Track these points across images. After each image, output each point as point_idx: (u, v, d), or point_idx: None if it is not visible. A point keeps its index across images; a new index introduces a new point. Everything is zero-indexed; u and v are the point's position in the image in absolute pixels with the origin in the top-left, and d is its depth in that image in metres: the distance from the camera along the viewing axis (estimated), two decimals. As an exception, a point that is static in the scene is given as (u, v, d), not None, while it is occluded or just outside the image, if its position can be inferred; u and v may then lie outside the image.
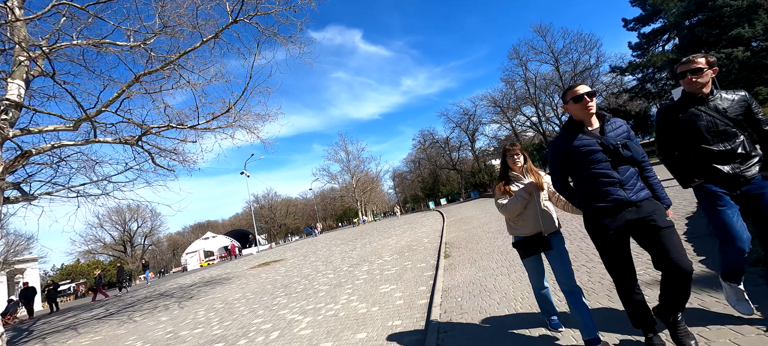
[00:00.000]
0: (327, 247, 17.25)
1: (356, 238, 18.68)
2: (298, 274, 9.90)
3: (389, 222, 28.50)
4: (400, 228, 17.80)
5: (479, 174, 33.80)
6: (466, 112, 47.92)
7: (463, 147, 51.84)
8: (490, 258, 5.76)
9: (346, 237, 21.45)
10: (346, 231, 32.69)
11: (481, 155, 51.36)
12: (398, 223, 23.21)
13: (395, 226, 20.63)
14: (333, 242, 19.62)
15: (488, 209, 16.18)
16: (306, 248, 19.98)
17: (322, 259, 12.41)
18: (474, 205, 23.63)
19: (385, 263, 7.93)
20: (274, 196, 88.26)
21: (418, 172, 70.75)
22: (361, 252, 11.46)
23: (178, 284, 15.72)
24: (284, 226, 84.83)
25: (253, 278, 11.39)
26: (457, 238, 9.06)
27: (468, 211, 18.52)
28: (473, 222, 11.96)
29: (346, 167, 48.08)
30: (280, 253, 21.41)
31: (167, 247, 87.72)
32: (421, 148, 57.44)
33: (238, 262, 22.24)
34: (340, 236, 24.29)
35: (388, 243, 12.10)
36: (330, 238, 26.46)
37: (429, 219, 19.69)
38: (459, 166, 53.00)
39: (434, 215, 22.64)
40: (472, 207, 21.25)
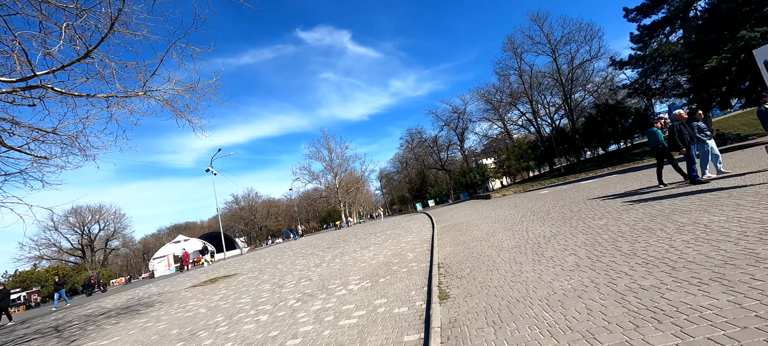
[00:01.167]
0: (294, 257, 14.35)
1: (331, 245, 15.85)
2: (230, 306, 7.02)
3: (372, 226, 25.73)
4: (383, 234, 15.08)
5: (470, 174, 31.64)
6: (455, 110, 45.77)
7: (452, 146, 49.72)
8: (527, 312, 3.09)
9: (322, 244, 18.58)
10: (326, 235, 29.71)
11: (470, 155, 49.29)
12: (381, 228, 20.47)
13: (377, 231, 17.90)
14: (305, 250, 16.73)
15: (485, 212, 13.63)
16: (272, 257, 17.00)
17: (277, 277, 9.56)
18: (466, 207, 21.14)
19: (348, 298, 5.19)
20: (255, 196, 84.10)
21: (405, 172, 68.30)
22: (326, 270, 8.66)
23: (88, 311, 12.49)
24: (265, 228, 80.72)
25: (178, 306, 8.43)
26: (455, 257, 6.37)
27: (461, 214, 15.96)
28: (472, 230, 9.31)
29: (328, 166, 45.04)
30: (241, 263, 18.33)
31: (140, 250, 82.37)
32: (409, 148, 54.95)
33: (186, 275, 19.00)
34: (316, 242, 21.36)
35: (363, 257, 9.35)
36: (306, 243, 23.47)
37: (416, 223, 17.07)
38: (448, 166, 50.78)
39: (422, 219, 20.04)
40: (464, 210, 18.71)
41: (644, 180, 10.93)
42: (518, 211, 11.00)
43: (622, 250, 4.04)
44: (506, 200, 18.44)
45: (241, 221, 79.30)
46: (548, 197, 13.14)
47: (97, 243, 50.11)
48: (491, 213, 12.57)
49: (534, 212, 9.61)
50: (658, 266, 3.24)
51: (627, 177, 13.81)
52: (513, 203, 14.88)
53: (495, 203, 17.53)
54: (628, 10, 26.47)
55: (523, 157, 29.60)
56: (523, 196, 18.07)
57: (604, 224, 5.69)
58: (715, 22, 14.58)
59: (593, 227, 5.68)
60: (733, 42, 13.20)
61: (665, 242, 3.93)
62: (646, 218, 5.30)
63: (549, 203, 10.88)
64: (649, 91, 29.21)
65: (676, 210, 5.40)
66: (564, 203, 9.87)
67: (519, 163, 29.32)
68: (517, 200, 16.00)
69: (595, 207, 7.68)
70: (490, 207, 15.62)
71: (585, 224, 6.04)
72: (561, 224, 6.70)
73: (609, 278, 3.24)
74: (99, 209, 50.00)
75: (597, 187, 12.64)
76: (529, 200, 13.99)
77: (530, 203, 12.79)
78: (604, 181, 14.69)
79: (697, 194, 6.35)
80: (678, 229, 4.32)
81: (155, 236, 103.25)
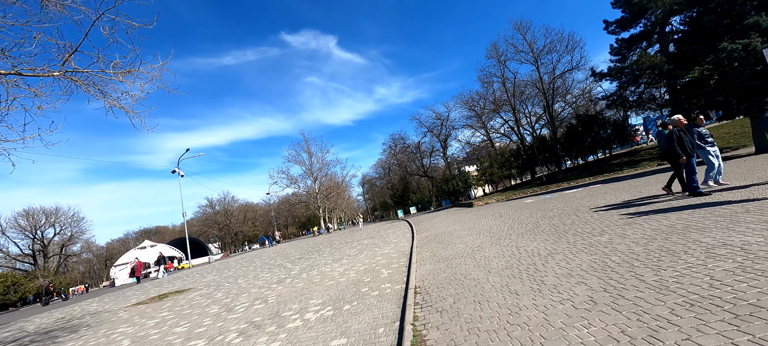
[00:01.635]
0: (260, 269, 12.97)
1: (303, 255, 14.58)
2: (160, 338, 5.72)
3: (350, 234, 24.50)
4: (359, 244, 13.97)
5: (452, 181, 31.06)
6: (438, 117, 45.48)
7: (435, 153, 49.34)
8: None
9: (294, 253, 17.22)
10: (302, 242, 28.18)
11: (453, 162, 49.06)
12: (359, 236, 19.32)
13: (355, 239, 16.75)
14: (274, 260, 15.34)
15: (468, 221, 12.80)
16: (238, 268, 15.49)
17: (231, 295, 8.25)
18: (448, 215, 20.35)
19: (300, 335, 4.07)
20: (231, 200, 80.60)
21: (388, 178, 67.41)
22: (287, 289, 7.47)
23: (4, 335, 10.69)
24: (241, 233, 77.37)
25: (103, 334, 6.98)
26: (435, 278, 5.39)
27: (443, 223, 15.09)
28: (455, 243, 8.39)
29: (308, 171, 43.45)
30: (202, 275, 16.67)
31: (103, 256, 76.92)
32: (392, 154, 54.19)
33: (139, 287, 17.09)
34: (290, 251, 19.93)
35: (332, 273, 8.22)
36: (279, 251, 21.94)
37: (395, 232, 16.06)
38: (430, 173, 50.31)
39: (402, 226, 19.06)
40: (446, 218, 17.89)
41: (632, 191, 10.42)
42: (504, 221, 10.20)
43: (645, 280, 3.16)
44: (489, 208, 17.78)
45: (215, 225, 75.64)
46: (534, 207, 12.48)
47: (51, 248, 45.94)
48: (475, 223, 11.73)
49: (522, 224, 8.81)
50: (711, 311, 2.35)
51: (611, 187, 13.39)
52: (497, 211, 14.17)
53: (478, 212, 16.80)
54: (607, 22, 26.88)
55: (506, 165, 29.36)
56: (506, 205, 17.46)
57: (608, 240, 4.87)
58: (696, 34, 14.65)
59: (596, 244, 4.84)
60: (715, 53, 13.15)
61: (700, 270, 3.08)
62: (658, 236, 4.50)
63: (536, 214, 10.14)
64: (625, 104, 29.76)
65: (689, 227, 4.64)
66: (553, 214, 9.13)
67: (501, 171, 29.04)
68: (501, 208, 15.34)
69: (590, 220, 6.92)
70: (474, 216, 14.85)
71: (585, 241, 5.20)
72: (556, 239, 5.85)
73: (648, 330, 2.32)
74: (55, 212, 46.04)
75: (583, 197, 12.08)
76: (513, 209, 13.30)
77: (515, 212, 12.07)
78: (588, 191, 14.23)
79: (706, 208, 5.67)
80: (708, 252, 3.50)
81: (122, 240, 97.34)
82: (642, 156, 26.83)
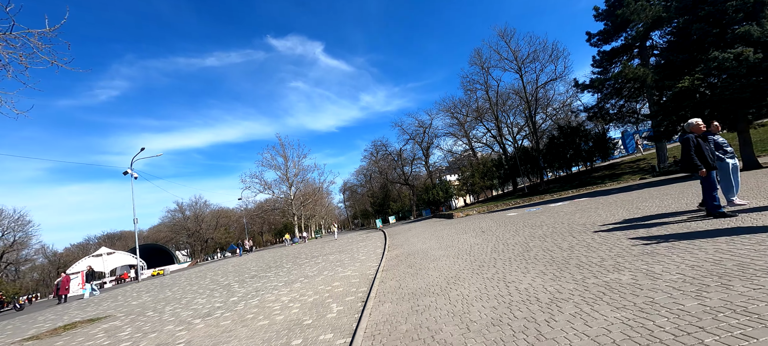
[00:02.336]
0: (201, 289, 10.98)
1: (258, 272, 12.71)
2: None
3: (322, 245, 22.59)
4: (324, 260, 12.26)
5: (433, 190, 29.84)
6: (421, 124, 44.55)
7: (417, 161, 48.27)
8: None
9: (252, 267, 15.24)
10: (269, 253, 25.96)
11: (436, 171, 48.12)
12: (328, 248, 17.54)
13: (322, 253, 14.99)
14: (225, 277, 13.33)
15: (447, 237, 11.38)
16: (180, 286, 13.35)
17: (142, 333, 6.35)
18: (426, 227, 18.93)
19: None
20: (203, 205, 76.29)
21: (369, 185, 65.77)
22: (207, 329, 5.69)
23: None
24: (212, 240, 73.14)
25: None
26: (391, 334, 3.82)
27: (419, 237, 13.62)
28: (428, 269, 6.89)
29: (283, 176, 41.16)
30: (135, 295, 14.38)
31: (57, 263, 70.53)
32: (374, 161, 52.69)
33: (62, 308, 14.50)
34: (249, 264, 17.84)
35: (274, 305, 6.51)
36: (239, 264, 19.75)
37: (367, 246, 14.44)
38: (411, 182, 49.12)
39: (377, 238, 17.45)
40: (424, 231, 16.45)
41: (628, 207, 9.32)
42: (487, 239, 8.81)
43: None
44: (470, 221, 16.49)
45: (184, 231, 71.10)
46: (519, 222, 11.21)
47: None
48: (454, 240, 10.30)
49: (507, 245, 7.42)
50: None
51: (601, 202, 12.37)
52: (478, 225, 12.84)
53: (458, 225, 15.46)
54: (590, 34, 26.74)
55: (488, 175, 28.46)
56: (488, 217, 16.22)
57: (633, 281, 3.47)
58: (684, 44, 14.15)
59: (616, 287, 3.43)
60: (706, 63, 12.54)
61: None
62: (711, 280, 3.14)
63: (523, 231, 8.82)
64: (606, 116, 29.69)
65: (745, 265, 3.32)
66: (544, 233, 7.82)
67: (483, 181, 28.13)
68: (483, 222, 14.06)
69: (593, 245, 5.58)
70: (453, 230, 13.47)
71: (598, 279, 3.80)
72: (556, 273, 4.44)
73: None
74: (-4, 214, 41.28)
75: (572, 212, 10.93)
76: (496, 224, 11.99)
77: (499, 227, 10.74)
78: (576, 205, 13.18)
79: (745, 235, 4.42)
80: (825, 323, 2.11)
81: (82, 246, 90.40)
82: (622, 169, 26.57)
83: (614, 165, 28.47)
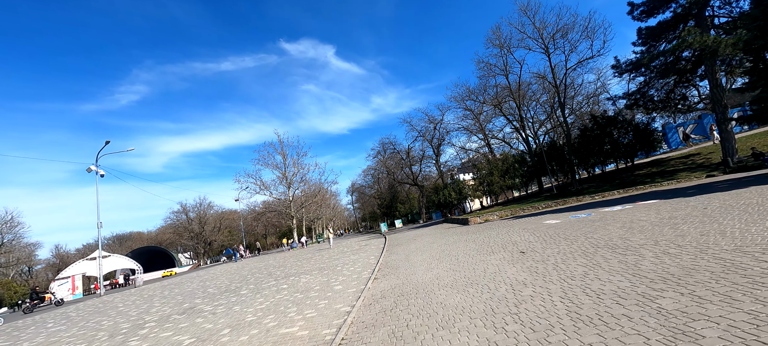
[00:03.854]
0: (150, 312, 7.65)
1: (227, 291, 9.38)
2: None
3: (312, 254, 19.08)
4: (290, 287, 8.78)
5: (444, 191, 26.04)
6: (431, 120, 40.73)
7: (427, 160, 44.39)
8: None
9: (225, 282, 11.93)
10: (262, 260, 22.71)
11: (447, 172, 44.16)
12: (312, 263, 14.05)
13: (300, 271, 11.52)
14: (194, 293, 10.02)
15: (462, 259, 7.73)
16: (132, 304, 10.12)
17: None
18: (436, 236, 15.24)
19: None
20: (207, 207, 74.27)
21: (377, 186, 62.19)
22: None
23: None
24: (215, 243, 70.97)
25: None
26: None
27: (425, 255, 10.00)
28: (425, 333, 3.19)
29: (281, 176, 38.03)
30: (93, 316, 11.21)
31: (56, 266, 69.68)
32: (381, 160, 49.01)
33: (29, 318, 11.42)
34: (229, 278, 14.53)
35: None
36: (220, 274, 16.49)
37: (356, 263, 10.89)
38: (421, 182, 45.30)
39: (372, 252, 13.87)
40: (432, 243, 12.80)
41: (731, 215, 5.47)
42: (534, 270, 5.14)
43: None
44: (493, 229, 12.73)
45: (186, 233, 69.16)
46: (575, 235, 7.45)
47: None
48: (476, 266, 6.65)
49: (587, 288, 3.74)
50: None
51: (674, 206, 8.49)
52: (508, 238, 9.13)
53: (477, 236, 11.75)
54: (633, 5, 22.47)
55: (509, 174, 24.41)
56: (517, 225, 12.44)
57: None
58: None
59: None
60: None
61: None
62: None
63: (600, 256, 5.11)
64: (649, 105, 25.28)
65: None
66: (653, 267, 4.09)
67: (503, 181, 24.12)
68: (513, 232, 10.33)
69: None
70: (472, 245, 9.78)
71: None
72: None
73: None
74: (-13, 215, 39.68)
75: (654, 222, 7.13)
76: (536, 237, 8.25)
77: (546, 245, 7.02)
78: (643, 210, 9.31)
79: None
80: None
81: (91, 246, 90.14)
82: (673, 166, 22.18)
83: (660, 161, 24.06)
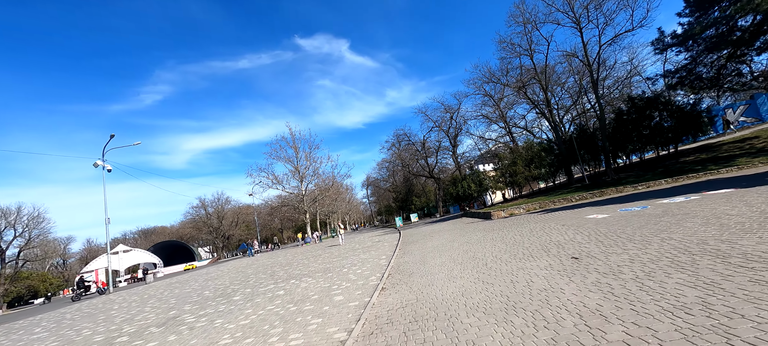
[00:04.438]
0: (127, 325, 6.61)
1: (219, 297, 8.30)
2: None
3: (321, 250, 17.89)
4: (286, 294, 7.49)
5: (463, 182, 24.16)
6: (447, 110, 38.64)
7: (443, 151, 42.38)
8: None
9: (224, 282, 10.86)
10: (271, 257, 21.82)
11: (465, 162, 42.06)
12: (319, 262, 12.79)
13: (304, 272, 10.27)
14: (180, 300, 9.00)
15: (501, 268, 6.18)
16: (119, 309, 9.22)
17: None
18: (456, 233, 13.65)
19: None
20: (224, 202, 75.15)
21: (392, 179, 60.68)
22: None
23: None
24: (232, 237, 71.86)
25: None
26: None
27: (444, 258, 8.48)
28: None
29: (294, 169, 37.21)
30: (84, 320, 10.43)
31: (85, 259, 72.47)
32: (396, 153, 47.32)
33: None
34: (223, 278, 13.54)
35: None
36: (231, 270, 15.59)
37: (370, 259, 9.50)
38: (437, 174, 43.42)
39: (384, 250, 12.45)
40: (452, 241, 11.26)
41: None
42: (596, 285, 3.52)
43: None
44: (520, 225, 11.02)
45: (205, 228, 70.26)
46: (643, 235, 5.73)
47: (12, 252, 40.93)
48: (508, 274, 5.09)
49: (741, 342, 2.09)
50: None
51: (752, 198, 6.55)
52: (543, 237, 7.47)
53: (503, 233, 10.09)
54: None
55: (534, 163, 22.23)
56: (548, 220, 10.67)
57: None
58: None
59: None
60: None
61: None
62: None
63: (729, 282, 3.43)
64: (697, 83, 22.43)
65: None
66: None
67: (528, 171, 21.99)
68: (545, 228, 8.64)
69: None
70: (500, 245, 8.17)
71: None
72: None
73: None
74: (15, 211, 41.08)
75: (753, 219, 5.31)
76: (586, 237, 6.56)
77: (603, 248, 5.36)
78: (721, 202, 7.40)
79: None
80: None
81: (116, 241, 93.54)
82: (727, 150, 19.48)
83: (709, 147, 21.31)
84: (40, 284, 51.06)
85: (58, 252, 74.29)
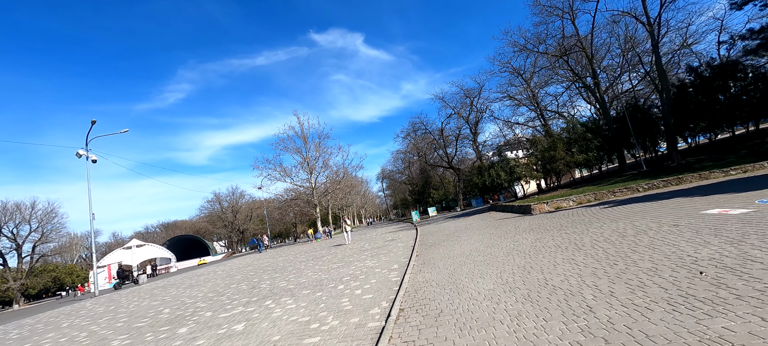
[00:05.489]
0: None
1: (203, 299, 5.68)
2: None
3: (326, 250, 15.22)
4: (290, 297, 4.75)
5: (490, 170, 20.76)
6: (467, 95, 35.10)
7: (462, 139, 38.84)
8: None
9: (212, 286, 8.37)
10: (277, 255, 19.47)
11: (492, 152, 38.37)
12: (321, 265, 10.08)
13: (299, 282, 7.59)
14: (163, 306, 6.57)
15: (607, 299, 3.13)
16: (105, 312, 6.92)
17: None
18: (490, 230, 10.58)
19: None
20: (238, 196, 74.46)
21: (408, 171, 57.54)
22: None
23: None
24: (247, 231, 71.17)
25: None
26: None
27: (492, 275, 5.53)
28: None
29: (303, 160, 34.87)
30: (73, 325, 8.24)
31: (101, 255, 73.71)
32: (412, 143, 44.04)
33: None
34: (219, 279, 11.12)
35: None
36: (230, 270, 13.26)
37: (378, 271, 6.71)
38: (457, 165, 39.99)
39: (403, 248, 9.61)
40: (492, 245, 8.29)
41: None
42: None
43: None
44: (586, 224, 7.86)
45: (220, 222, 69.79)
46: None
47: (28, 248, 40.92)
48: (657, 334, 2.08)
49: None
50: None
51: None
52: (664, 247, 4.41)
53: (567, 235, 7.00)
54: None
55: (579, 146, 18.43)
56: (621, 216, 7.46)
57: None
58: None
59: None
60: None
61: None
62: None
63: None
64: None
65: None
66: None
67: (571, 156, 18.24)
68: (637, 228, 5.54)
69: None
70: (576, 254, 5.13)
71: None
72: None
73: None
74: (30, 206, 40.96)
75: None
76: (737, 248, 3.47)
77: None
78: None
79: None
80: None
81: (140, 234, 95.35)
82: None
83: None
84: (66, 277, 51.65)
85: (85, 245, 75.78)
